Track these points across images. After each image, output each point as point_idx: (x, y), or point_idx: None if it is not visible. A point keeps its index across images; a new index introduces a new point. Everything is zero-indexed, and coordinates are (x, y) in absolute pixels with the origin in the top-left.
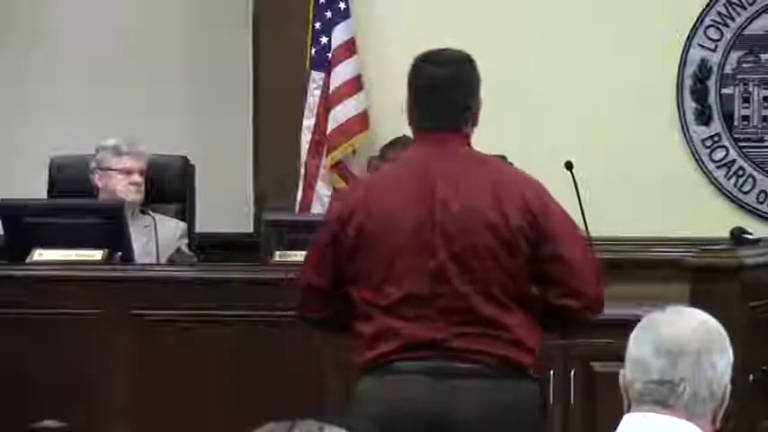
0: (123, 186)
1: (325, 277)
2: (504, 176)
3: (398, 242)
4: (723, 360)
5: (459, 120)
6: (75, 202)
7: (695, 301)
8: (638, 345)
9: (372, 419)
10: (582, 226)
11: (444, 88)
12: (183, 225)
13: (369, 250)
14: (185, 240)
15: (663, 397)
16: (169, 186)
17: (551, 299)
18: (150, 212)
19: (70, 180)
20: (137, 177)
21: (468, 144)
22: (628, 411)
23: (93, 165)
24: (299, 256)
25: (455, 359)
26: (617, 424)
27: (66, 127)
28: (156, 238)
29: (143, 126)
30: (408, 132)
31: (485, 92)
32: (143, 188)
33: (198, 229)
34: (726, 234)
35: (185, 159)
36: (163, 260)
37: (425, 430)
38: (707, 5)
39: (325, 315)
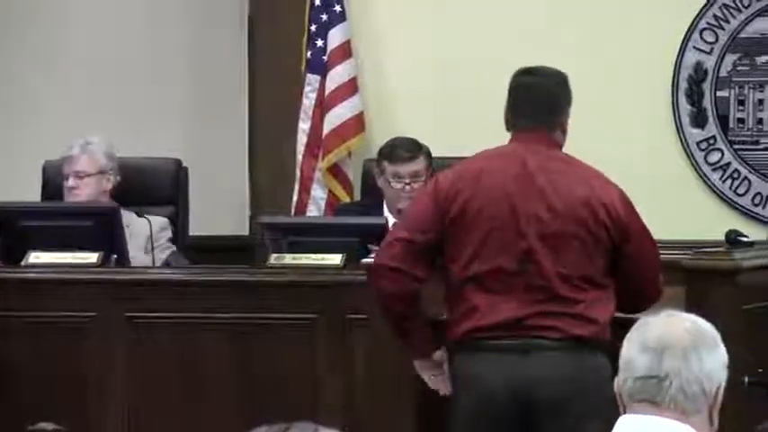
0: (66, 189)
1: (425, 236)
2: (592, 176)
3: (496, 222)
4: (712, 357)
5: (552, 123)
6: (69, 205)
7: (690, 304)
8: (627, 347)
9: (469, 396)
10: None
11: (540, 93)
12: (160, 220)
13: (468, 226)
14: (167, 234)
15: (651, 394)
16: (162, 189)
17: (624, 292)
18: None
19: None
20: (71, 182)
21: (559, 147)
22: (623, 412)
23: None
24: (295, 258)
25: (534, 336)
26: None
27: (61, 130)
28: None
29: (138, 128)
30: (401, 134)
31: (478, 92)
32: (86, 189)
33: (193, 231)
34: (721, 237)
35: (178, 162)
36: (141, 257)
37: (511, 403)
38: (702, 8)
39: (404, 267)
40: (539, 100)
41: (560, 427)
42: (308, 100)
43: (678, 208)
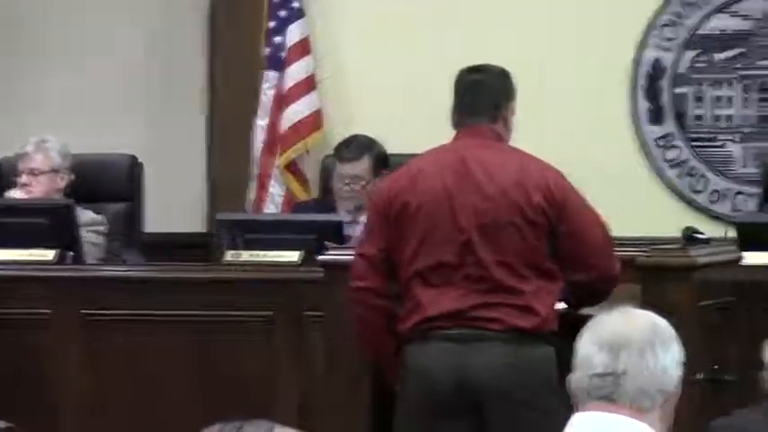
0: (19, 186)
1: (375, 248)
2: (529, 163)
3: (435, 219)
4: (668, 354)
5: (493, 117)
6: (24, 202)
7: (647, 301)
8: (582, 344)
9: (413, 386)
10: None
11: (482, 90)
12: (90, 214)
13: (410, 224)
14: (93, 228)
15: (607, 391)
16: (117, 185)
17: (568, 275)
18: None
19: None
20: (25, 178)
21: (501, 140)
22: (577, 410)
23: None
24: (252, 255)
25: (477, 327)
26: None
27: (17, 126)
28: None
29: (96, 124)
30: (359, 131)
31: (435, 89)
32: (39, 187)
33: (150, 228)
34: (678, 234)
35: (133, 158)
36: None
37: (453, 391)
38: (662, 5)
39: (370, 284)
40: (480, 96)
41: (502, 415)
42: (266, 96)
43: (635, 205)
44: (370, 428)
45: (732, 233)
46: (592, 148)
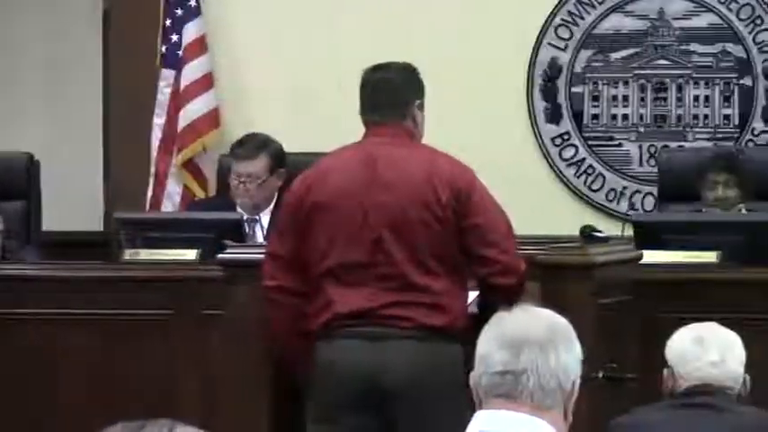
0: None
1: (285, 248)
2: (437, 159)
3: (345, 217)
4: (569, 353)
5: (397, 114)
6: None
7: (546, 299)
8: (483, 342)
9: (323, 381)
10: None
11: (389, 88)
12: None
13: (320, 223)
14: None
15: (508, 389)
16: (13, 183)
17: (476, 271)
18: None
19: None
20: None
21: (410, 137)
22: (479, 408)
23: None
24: (150, 254)
25: (384, 325)
26: None
27: None
28: None
29: None
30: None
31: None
32: None
33: (47, 227)
34: (576, 232)
35: (30, 156)
36: None
37: (362, 387)
38: (557, 5)
39: (281, 283)
40: (387, 94)
41: (410, 412)
42: (163, 95)
43: (533, 203)
44: (271, 426)
45: (629, 231)
46: (490, 147)
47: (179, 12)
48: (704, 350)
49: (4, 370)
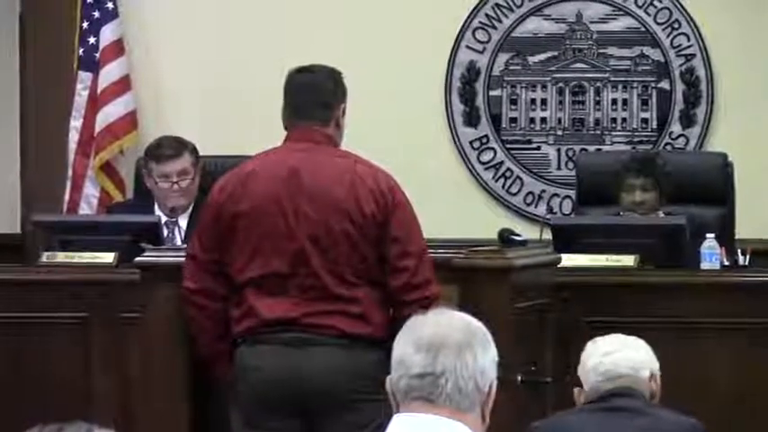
0: None
1: (205, 252)
2: (359, 167)
3: (267, 226)
4: (486, 356)
5: (324, 119)
6: None
7: (463, 303)
8: (400, 345)
9: (246, 385)
10: None
11: (312, 90)
12: None
13: (242, 231)
14: None
15: (426, 392)
16: None
17: (391, 281)
18: None
19: None
20: None
21: (333, 143)
22: (397, 412)
23: None
24: (67, 257)
25: (307, 333)
26: None
27: None
28: None
29: None
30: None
31: (248, 90)
32: None
33: None
34: (494, 236)
35: None
36: None
37: (285, 392)
38: (475, 8)
39: (202, 286)
40: (308, 98)
41: (331, 415)
42: (81, 98)
43: (451, 207)
44: (188, 426)
45: (547, 235)
46: (408, 149)
47: (96, 14)
48: (620, 360)
49: None
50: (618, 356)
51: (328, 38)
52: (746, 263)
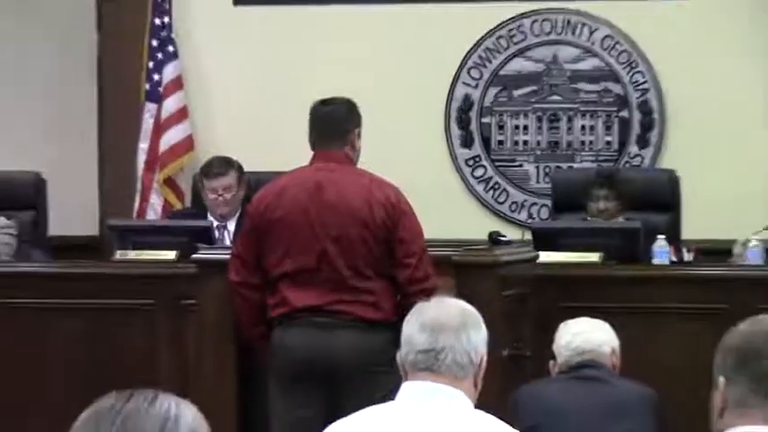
0: None
1: (247, 251)
2: (372, 183)
3: (296, 230)
4: (478, 335)
5: (341, 142)
6: None
7: (460, 292)
8: (408, 326)
9: (282, 362)
10: None
11: (331, 120)
12: (2, 219)
13: (276, 235)
14: (6, 230)
15: (429, 364)
16: (24, 197)
17: (398, 274)
18: None
19: None
20: None
21: (350, 161)
22: (406, 379)
23: None
24: (137, 254)
25: (332, 317)
26: None
27: None
28: None
29: (12, 150)
30: (224, 152)
31: (283, 119)
32: None
33: (52, 232)
34: (484, 236)
35: (37, 174)
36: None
37: (312, 365)
38: (469, 51)
39: (244, 279)
40: (330, 125)
41: (350, 384)
42: (147, 124)
43: (450, 214)
44: (235, 395)
45: (528, 236)
46: (414, 166)
47: (159, 56)
48: (588, 338)
49: (9, 352)
50: (585, 335)
51: (351, 76)
52: (691, 259)
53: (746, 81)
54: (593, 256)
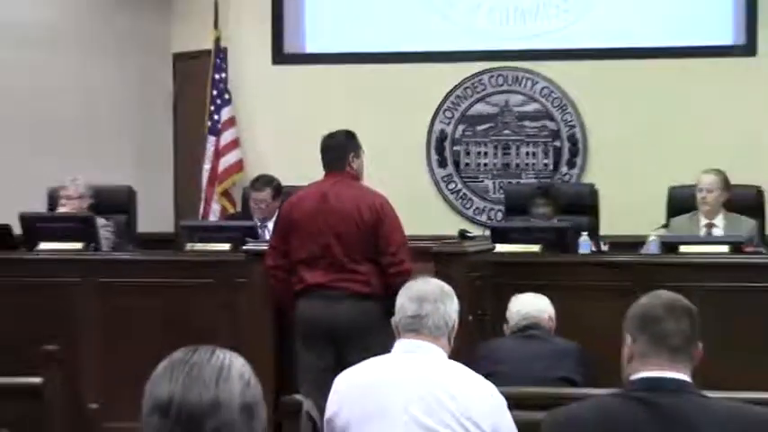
0: (61, 205)
1: (278, 243)
2: (365, 194)
3: (309, 228)
4: (452, 305)
5: (339, 165)
6: (64, 214)
7: (437, 273)
8: (400, 298)
9: (302, 324)
10: None
11: (333, 149)
12: (103, 221)
13: (296, 231)
14: (106, 229)
15: (416, 326)
16: (118, 204)
17: (381, 260)
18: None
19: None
20: (63, 200)
21: (350, 177)
22: (399, 338)
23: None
24: (202, 246)
25: (334, 291)
26: None
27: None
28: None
29: (110, 165)
30: (267, 171)
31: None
32: (71, 205)
33: (140, 230)
34: (455, 233)
35: (129, 187)
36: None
37: (321, 331)
38: (443, 98)
39: (276, 264)
40: (332, 153)
41: (351, 341)
42: (209, 151)
43: (429, 216)
44: (273, 349)
45: (488, 233)
46: (404, 182)
47: (218, 101)
48: (531, 307)
49: (114, 318)
50: (529, 305)
51: (359, 115)
52: (606, 249)
53: (638, 120)
54: (535, 248)
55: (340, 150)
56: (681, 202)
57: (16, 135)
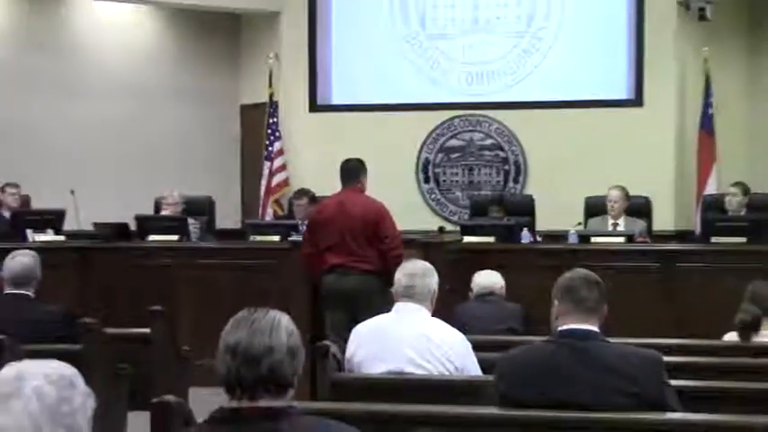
0: (163, 210)
1: (310, 236)
2: (369, 202)
3: (330, 227)
4: (433, 279)
5: (353, 182)
6: (167, 216)
7: (423, 257)
8: (398, 274)
9: (327, 292)
10: None
11: (348, 170)
12: (192, 220)
13: (322, 228)
14: (194, 225)
15: (408, 293)
16: (202, 208)
17: (379, 247)
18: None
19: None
20: (165, 207)
21: (360, 191)
22: (396, 302)
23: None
24: (261, 238)
25: (348, 269)
26: None
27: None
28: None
29: (196, 180)
30: (306, 186)
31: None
32: (171, 209)
33: (217, 227)
34: (435, 228)
35: (209, 197)
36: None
37: (340, 297)
38: (428, 134)
39: (309, 251)
40: (348, 173)
41: (360, 305)
42: (265, 172)
43: (416, 217)
44: (309, 310)
45: (458, 229)
46: (400, 195)
47: (272, 137)
48: (488, 280)
49: (207, 291)
50: (487, 278)
51: (368, 149)
52: (540, 240)
53: (562, 150)
54: (491, 239)
55: (353, 172)
56: (594, 208)
57: (134, 164)
